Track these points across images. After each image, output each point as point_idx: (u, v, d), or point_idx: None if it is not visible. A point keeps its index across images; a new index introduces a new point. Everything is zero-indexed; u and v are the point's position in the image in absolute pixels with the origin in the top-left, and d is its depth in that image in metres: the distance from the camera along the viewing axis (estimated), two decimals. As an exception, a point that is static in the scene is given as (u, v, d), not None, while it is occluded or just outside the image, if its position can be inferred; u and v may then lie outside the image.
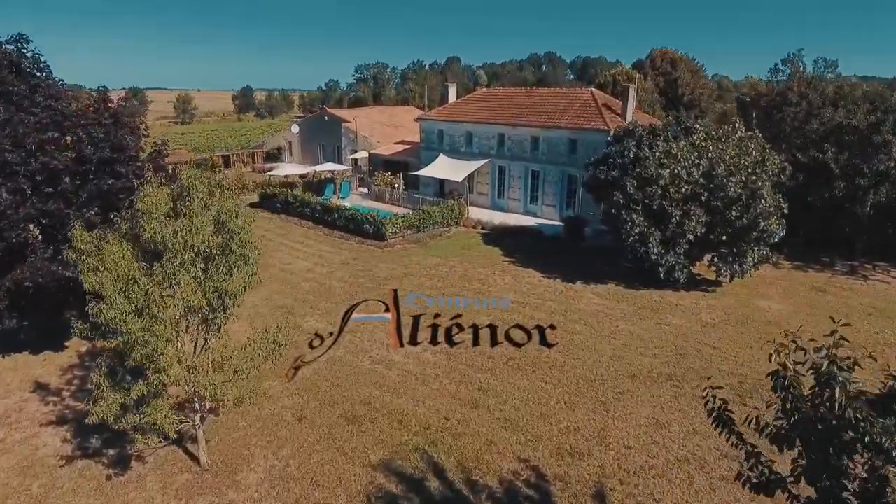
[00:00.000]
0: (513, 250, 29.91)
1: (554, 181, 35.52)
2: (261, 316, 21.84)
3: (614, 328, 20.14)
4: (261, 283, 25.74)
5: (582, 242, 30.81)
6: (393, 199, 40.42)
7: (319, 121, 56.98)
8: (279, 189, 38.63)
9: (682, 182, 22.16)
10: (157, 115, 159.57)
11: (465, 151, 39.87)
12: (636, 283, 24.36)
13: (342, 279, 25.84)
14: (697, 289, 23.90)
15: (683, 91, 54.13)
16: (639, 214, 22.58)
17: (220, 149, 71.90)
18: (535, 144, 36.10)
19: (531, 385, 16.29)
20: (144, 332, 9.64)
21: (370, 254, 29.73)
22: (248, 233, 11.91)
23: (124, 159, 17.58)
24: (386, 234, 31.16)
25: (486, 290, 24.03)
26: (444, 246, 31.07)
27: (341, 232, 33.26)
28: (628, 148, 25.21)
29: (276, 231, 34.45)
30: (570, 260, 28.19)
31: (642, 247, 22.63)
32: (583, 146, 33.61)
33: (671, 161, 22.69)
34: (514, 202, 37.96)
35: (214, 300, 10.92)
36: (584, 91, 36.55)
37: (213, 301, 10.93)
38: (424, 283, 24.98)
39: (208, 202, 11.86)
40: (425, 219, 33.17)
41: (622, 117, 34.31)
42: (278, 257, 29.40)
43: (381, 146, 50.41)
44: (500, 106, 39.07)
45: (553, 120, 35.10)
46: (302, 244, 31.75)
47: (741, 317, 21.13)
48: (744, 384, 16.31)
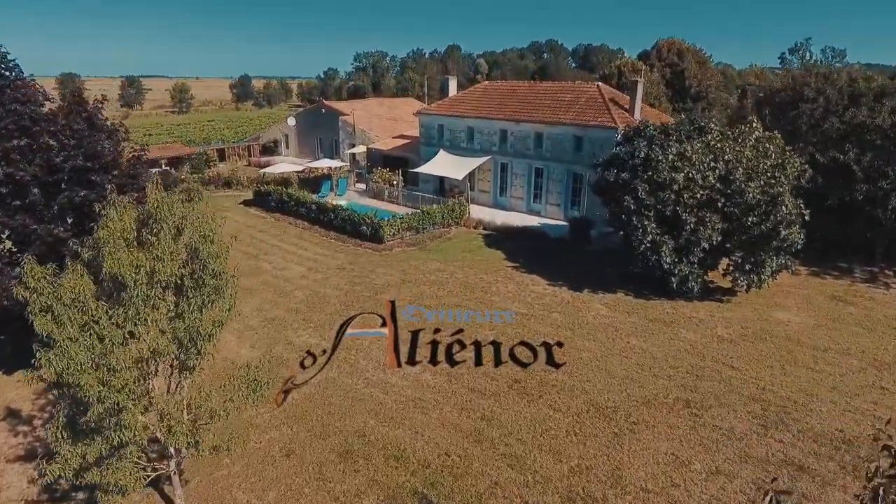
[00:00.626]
0: (516, 254, 28.67)
1: (558, 179, 34.19)
2: (251, 330, 20.66)
3: (625, 344, 18.94)
4: (253, 294, 24.89)
5: (588, 245, 29.55)
6: (391, 197, 39.13)
7: (316, 113, 55.54)
8: (273, 187, 37.31)
9: (696, 187, 20.85)
10: (155, 105, 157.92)
11: (465, 147, 38.50)
12: (646, 292, 23.14)
13: (337, 287, 24.63)
14: (711, 298, 22.67)
15: (690, 83, 52.54)
16: (650, 221, 21.30)
17: (217, 141, 70.47)
18: (539, 141, 34.73)
19: (538, 413, 15.12)
20: (102, 385, 8.43)
21: (367, 258, 28.49)
22: (223, 260, 10.61)
23: (100, 167, 16.29)
24: (384, 236, 29.90)
25: (489, 299, 22.83)
26: (444, 249, 29.82)
27: (337, 233, 31.99)
28: (639, 149, 23.84)
29: (270, 232, 33.20)
30: (576, 264, 26.95)
31: (654, 255, 21.38)
32: (589, 143, 32.25)
33: (685, 164, 21.36)
34: (516, 201, 36.65)
35: (186, 340, 9.67)
36: (590, 85, 35.11)
37: (185, 341, 9.68)
38: (424, 291, 23.77)
39: (181, 225, 10.59)
40: (425, 219, 31.90)
41: (630, 113, 32.92)
42: (272, 261, 28.18)
43: (380, 140, 48.98)
44: (503, 100, 37.63)
45: (557, 116, 33.69)
46: (296, 246, 30.51)
47: (759, 331, 19.92)
48: (767, 412, 15.13)
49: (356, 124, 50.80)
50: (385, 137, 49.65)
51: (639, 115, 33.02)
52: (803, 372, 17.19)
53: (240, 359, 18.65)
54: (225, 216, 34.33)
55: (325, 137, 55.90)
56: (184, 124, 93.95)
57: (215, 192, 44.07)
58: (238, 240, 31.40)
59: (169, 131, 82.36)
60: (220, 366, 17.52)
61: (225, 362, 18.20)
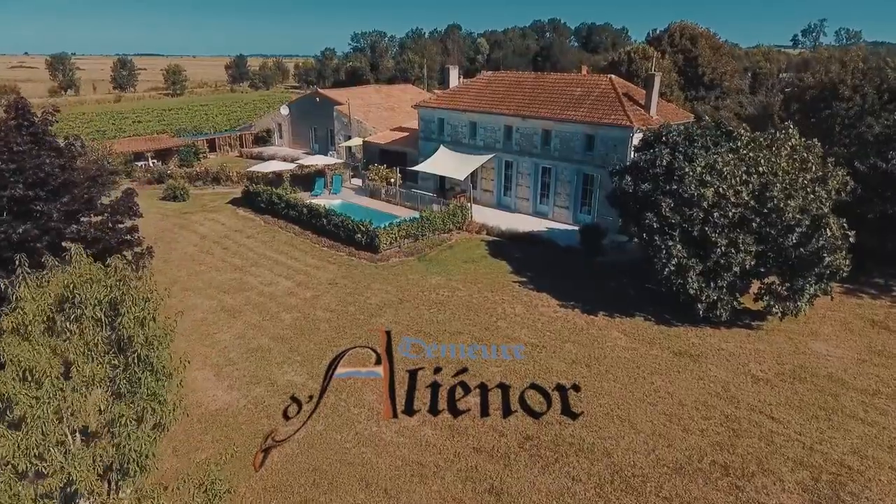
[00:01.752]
0: (523, 265, 26.51)
1: (567, 180, 31.86)
2: (231, 365, 18.58)
3: (649, 386, 16.87)
4: (237, 315, 22.77)
5: (600, 255, 27.35)
6: (389, 196, 36.82)
7: (311, 102, 52.95)
8: (263, 187, 34.95)
9: (728, 205, 18.60)
10: (148, 87, 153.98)
11: (467, 143, 36.09)
12: (668, 316, 21.03)
13: (328, 307, 22.51)
14: (740, 323, 20.54)
15: (704, 70, 49.81)
16: (676, 241, 19.08)
17: (206, 132, 67.71)
18: (547, 138, 32.32)
19: (555, 485, 13.09)
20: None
21: (362, 270, 26.32)
22: (165, 344, 8.44)
23: (47, 194, 14.05)
24: (379, 245, 27.69)
25: (495, 324, 20.72)
26: (445, 259, 27.63)
27: (330, 240, 29.76)
28: (660, 156, 21.56)
29: (258, 237, 30.97)
30: (588, 279, 24.82)
31: (679, 279, 19.20)
32: (601, 143, 29.87)
33: (715, 178, 19.09)
34: (522, 202, 34.37)
35: (115, 465, 7.54)
36: (602, 78, 32.56)
37: (114, 466, 7.55)
38: (423, 314, 21.66)
39: (116, 300, 8.40)
40: (424, 226, 29.65)
41: (645, 109, 30.47)
42: (259, 274, 26.01)
43: (377, 132, 46.50)
44: (507, 93, 35.10)
45: (567, 112, 31.24)
46: (286, 256, 28.31)
47: (797, 368, 17.83)
48: (818, 483, 13.10)
49: (352, 115, 48.25)
50: (382, 129, 47.15)
51: (655, 112, 30.62)
52: (853, 425, 15.14)
53: (215, 403, 16.65)
54: (211, 218, 31.02)
55: (320, 127, 53.35)
56: (175, 109, 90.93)
57: (203, 189, 41.72)
58: (225, 248, 29.35)
59: (159, 117, 79.49)
60: (193, 413, 15.52)
61: (199, 409, 16.17)
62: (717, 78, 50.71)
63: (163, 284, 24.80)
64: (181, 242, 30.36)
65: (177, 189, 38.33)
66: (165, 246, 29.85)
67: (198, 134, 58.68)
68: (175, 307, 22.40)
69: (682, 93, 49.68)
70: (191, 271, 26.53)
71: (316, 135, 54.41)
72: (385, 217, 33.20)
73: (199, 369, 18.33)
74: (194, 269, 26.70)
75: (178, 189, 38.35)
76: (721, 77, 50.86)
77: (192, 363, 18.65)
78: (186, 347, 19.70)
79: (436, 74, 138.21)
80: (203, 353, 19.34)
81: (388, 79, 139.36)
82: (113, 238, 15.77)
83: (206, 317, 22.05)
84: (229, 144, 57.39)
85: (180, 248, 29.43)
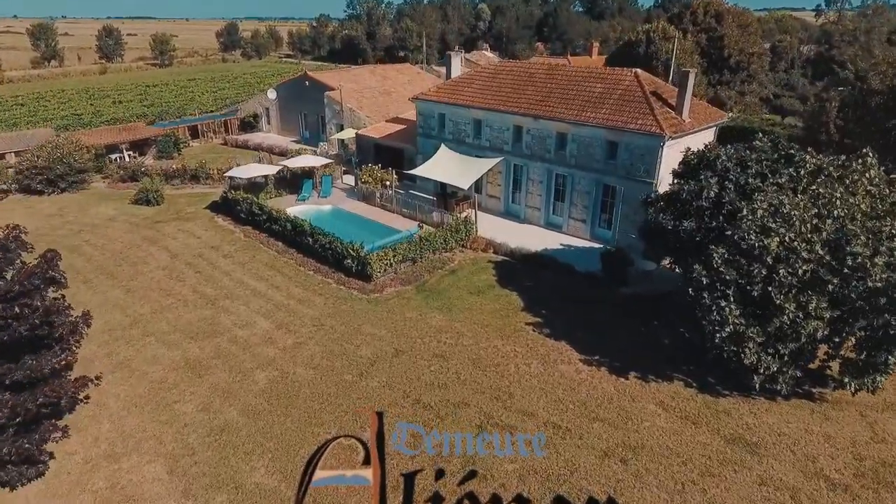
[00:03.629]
0: (536, 298, 23.11)
1: (585, 191, 28.15)
2: (189, 454, 15.28)
3: (701, 497, 13.63)
4: (203, 374, 19.40)
5: (624, 285, 23.89)
6: (384, 201, 33.14)
7: (300, 86, 48.75)
8: (243, 195, 31.22)
9: (798, 260, 15.06)
10: (136, 57, 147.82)
11: (471, 143, 32.25)
12: (712, 379, 17.72)
13: (311, 361, 19.19)
14: (800, 391, 17.18)
15: (731, 51, 45.43)
16: (730, 302, 15.61)
17: (194, 108, 63.49)
18: (562, 142, 28.50)
19: None
20: None
21: (352, 305, 22.89)
22: None
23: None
24: (373, 274, 24.22)
25: (507, 390, 17.43)
26: (447, 289, 24.17)
27: (317, 262, 26.27)
28: (708, 187, 17.91)
29: (236, 257, 27.43)
30: (613, 319, 21.45)
31: (733, 346, 15.80)
32: (626, 151, 26.09)
33: (780, 223, 15.51)
34: (532, 211, 30.73)
35: None
36: (626, 73, 28.47)
37: None
38: (422, 373, 18.35)
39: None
40: (423, 246, 26.11)
41: (676, 112, 26.59)
42: (234, 310, 22.62)
43: (372, 122, 42.53)
44: (517, 87, 31.07)
45: (586, 113, 27.33)
46: (266, 283, 24.85)
47: (880, 464, 14.59)
48: None
49: (344, 102, 44.15)
50: (377, 119, 43.14)
51: (687, 115, 26.74)
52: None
53: (165, 522, 13.42)
54: (186, 229, 26.18)
55: (310, 113, 49.29)
56: (161, 85, 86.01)
57: (180, 189, 37.98)
58: (198, 272, 25.83)
59: (143, 96, 74.84)
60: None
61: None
62: (743, 60, 46.34)
63: (122, 327, 21.68)
64: (149, 264, 26.85)
65: (150, 192, 34.60)
66: (130, 269, 26.40)
67: (178, 121, 54.42)
68: (131, 364, 19.20)
69: (705, 77, 45.43)
70: (156, 306, 23.11)
71: (306, 121, 50.38)
72: (379, 229, 29.71)
73: (149, 462, 15.10)
74: (160, 304, 23.27)
75: (152, 192, 34.62)
76: (748, 59, 46.48)
77: (142, 450, 15.49)
78: (138, 424, 16.50)
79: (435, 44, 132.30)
80: (157, 435, 16.08)
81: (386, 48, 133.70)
82: (22, 325, 12.30)
83: (166, 376, 18.71)
84: (214, 130, 53.32)
85: (147, 273, 25.94)
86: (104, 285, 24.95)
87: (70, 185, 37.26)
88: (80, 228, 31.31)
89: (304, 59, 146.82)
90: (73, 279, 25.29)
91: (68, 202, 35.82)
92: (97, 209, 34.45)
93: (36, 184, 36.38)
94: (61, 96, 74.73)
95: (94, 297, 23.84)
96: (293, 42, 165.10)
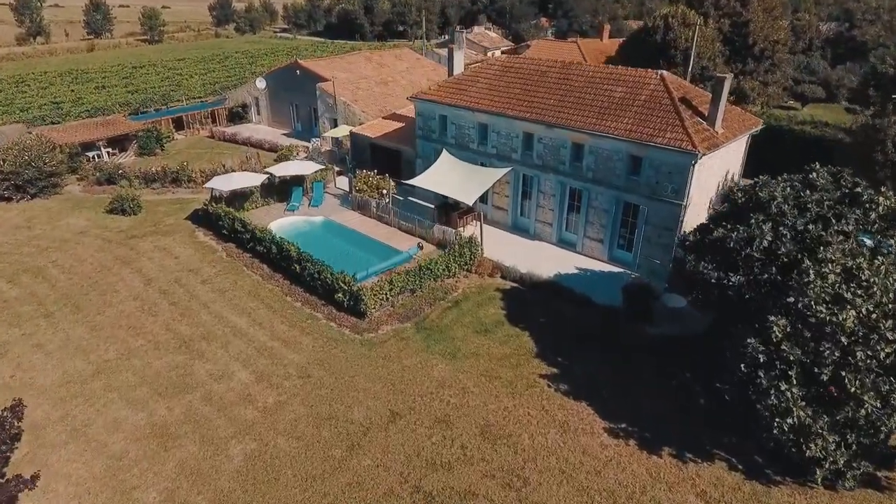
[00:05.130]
0: (550, 340, 20.54)
1: (603, 208, 25.32)
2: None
3: None
4: (170, 446, 16.82)
5: (650, 324, 21.25)
6: (380, 212, 30.31)
7: (290, 75, 45.43)
8: (224, 209, 28.37)
9: (881, 342, 12.39)
10: (125, 32, 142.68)
11: (476, 150, 29.28)
12: (760, 459, 15.20)
13: (295, 428, 16.70)
14: (866, 477, 14.69)
15: (756, 38, 41.96)
16: (792, 384, 12.99)
17: (181, 94, 60.05)
18: (578, 153, 25.56)
19: None
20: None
21: (343, 350, 20.29)
22: None
23: None
24: (366, 309, 21.58)
25: (521, 472, 14.97)
26: (450, 326, 21.56)
27: (306, 291, 23.61)
28: (761, 236, 15.13)
29: (216, 282, 24.77)
30: (640, 370, 18.87)
31: (794, 436, 13.23)
32: (651, 168, 23.18)
33: (856, 292, 12.79)
34: (543, 227, 27.92)
35: None
36: (651, 75, 25.30)
37: None
38: (422, 448, 15.86)
39: None
40: (424, 275, 23.41)
41: (709, 122, 23.59)
42: (210, 355, 20.05)
43: (367, 118, 39.50)
44: (527, 88, 27.94)
45: (606, 122, 24.34)
46: (249, 318, 22.24)
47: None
48: None
49: (338, 95, 40.95)
50: (374, 113, 40.06)
51: (720, 126, 23.76)
52: None
53: None
54: (164, 246, 22.72)
55: (302, 105, 46.13)
56: (148, 66, 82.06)
57: (161, 194, 35.12)
58: (173, 303, 23.18)
59: (128, 79, 71.12)
60: None
61: None
62: (768, 48, 42.90)
63: (83, 378, 19.03)
64: (119, 292, 24.20)
65: (126, 200, 31.75)
66: (98, 298, 23.77)
67: (162, 111, 51.14)
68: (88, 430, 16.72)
69: (727, 67, 42.05)
70: (123, 349, 20.53)
71: (298, 113, 47.22)
72: (375, 247, 27.08)
73: (98, 579, 12.68)
74: (128, 346, 20.69)
75: (128, 200, 31.77)
76: (773, 47, 43.03)
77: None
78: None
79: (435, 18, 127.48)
80: (111, 537, 13.64)
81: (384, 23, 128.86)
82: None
83: (127, 449, 16.22)
84: (200, 121, 50.10)
85: (117, 304, 23.30)
86: (68, 320, 22.34)
87: (41, 191, 34.40)
88: (47, 245, 28.57)
89: (299, 35, 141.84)
90: (34, 314, 22.81)
91: (38, 210, 33.00)
92: (68, 220, 31.64)
93: (2, 190, 33.52)
94: (43, 79, 71.06)
95: (55, 337, 21.28)
96: (288, 16, 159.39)
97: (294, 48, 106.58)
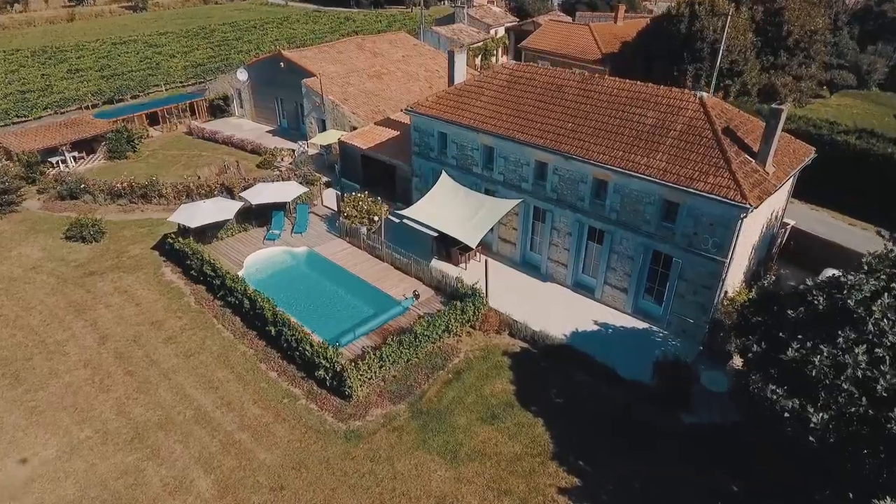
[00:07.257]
0: (571, 432, 17.33)
1: (628, 255, 21.79)
2: None
3: None
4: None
5: (686, 411, 17.99)
6: (371, 242, 26.75)
7: (274, 66, 41.16)
8: (193, 247, 24.80)
9: None
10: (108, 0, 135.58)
11: (480, 174, 25.55)
12: None
13: (262, 577, 13.61)
14: None
15: (791, 29, 37.56)
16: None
17: (159, 79, 55.65)
18: (600, 191, 21.88)
19: None
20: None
21: (324, 447, 17.09)
22: None
23: None
24: (352, 392, 18.30)
25: None
26: (451, 410, 18.31)
27: (283, 359, 20.30)
28: (854, 365, 11.68)
29: (183, 342, 21.45)
30: (679, 477, 15.71)
31: None
32: (689, 217, 19.54)
33: None
34: (557, 267, 24.43)
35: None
36: (688, 99, 21.33)
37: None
38: None
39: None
40: (420, 339, 20.06)
41: (759, 161, 19.86)
42: (167, 454, 16.85)
43: (359, 120, 35.57)
44: (540, 105, 24.03)
45: (634, 157, 20.59)
46: (215, 395, 19.01)
47: None
48: None
49: (325, 94, 36.85)
50: (365, 114, 36.11)
51: (772, 165, 20.04)
52: None
53: None
54: (125, 288, 18.59)
55: (287, 99, 42.04)
56: (128, 41, 76.82)
57: (128, 212, 31.47)
58: (129, 373, 19.80)
59: (105, 58, 66.08)
60: None
61: None
62: (803, 38, 38.52)
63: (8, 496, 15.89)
64: (69, 356, 20.90)
65: (86, 226, 28.15)
66: (44, 364, 20.50)
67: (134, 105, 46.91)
68: None
69: (758, 61, 37.79)
70: (65, 444, 17.32)
71: (283, 108, 43.14)
72: (363, 290, 23.75)
73: None
74: (71, 440, 17.48)
75: (88, 226, 28.16)
76: (810, 37, 38.64)
77: None
78: None
79: None
80: None
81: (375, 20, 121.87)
82: None
83: None
84: (178, 115, 45.89)
85: (63, 375, 20.02)
86: (4, 399, 19.08)
87: (-8, 211, 30.77)
88: (-8, 286, 25.15)
89: (291, 2, 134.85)
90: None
91: (-11, 236, 29.44)
92: (21, 248, 28.10)
93: (-52, 212, 29.94)
94: (13, 60, 66.17)
95: (-15, 425, 18.05)
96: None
97: (285, 17, 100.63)
